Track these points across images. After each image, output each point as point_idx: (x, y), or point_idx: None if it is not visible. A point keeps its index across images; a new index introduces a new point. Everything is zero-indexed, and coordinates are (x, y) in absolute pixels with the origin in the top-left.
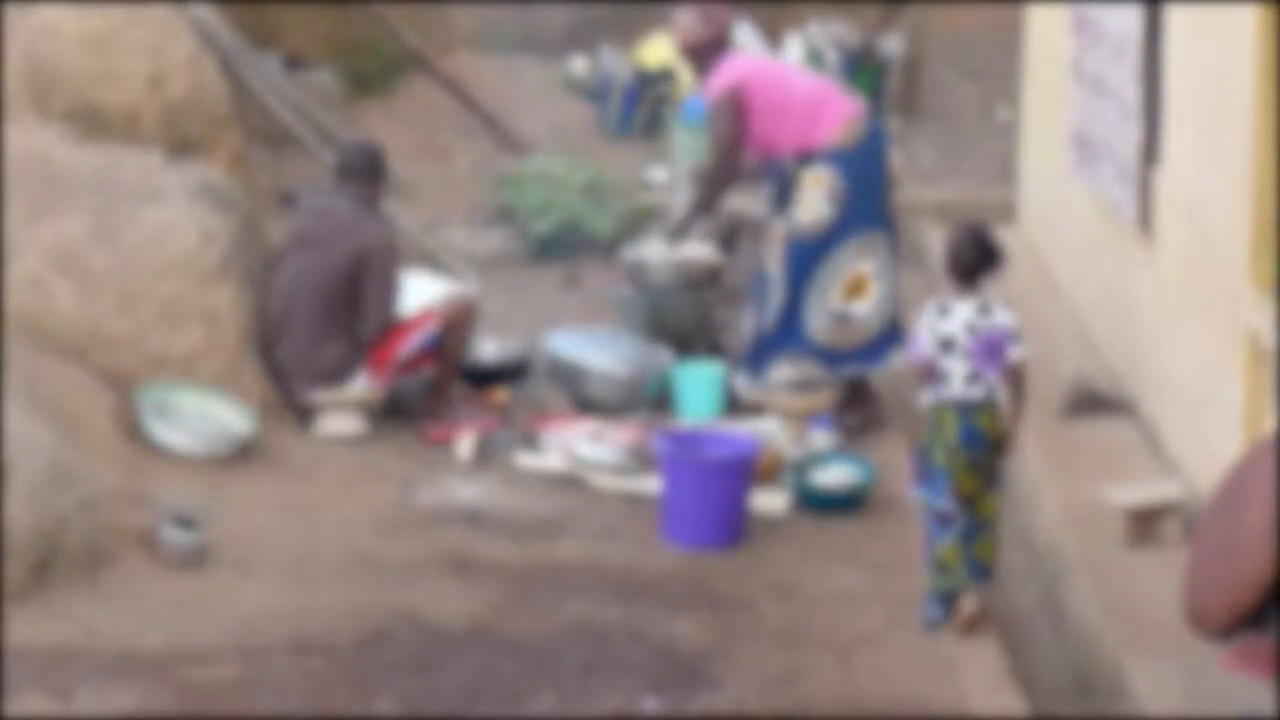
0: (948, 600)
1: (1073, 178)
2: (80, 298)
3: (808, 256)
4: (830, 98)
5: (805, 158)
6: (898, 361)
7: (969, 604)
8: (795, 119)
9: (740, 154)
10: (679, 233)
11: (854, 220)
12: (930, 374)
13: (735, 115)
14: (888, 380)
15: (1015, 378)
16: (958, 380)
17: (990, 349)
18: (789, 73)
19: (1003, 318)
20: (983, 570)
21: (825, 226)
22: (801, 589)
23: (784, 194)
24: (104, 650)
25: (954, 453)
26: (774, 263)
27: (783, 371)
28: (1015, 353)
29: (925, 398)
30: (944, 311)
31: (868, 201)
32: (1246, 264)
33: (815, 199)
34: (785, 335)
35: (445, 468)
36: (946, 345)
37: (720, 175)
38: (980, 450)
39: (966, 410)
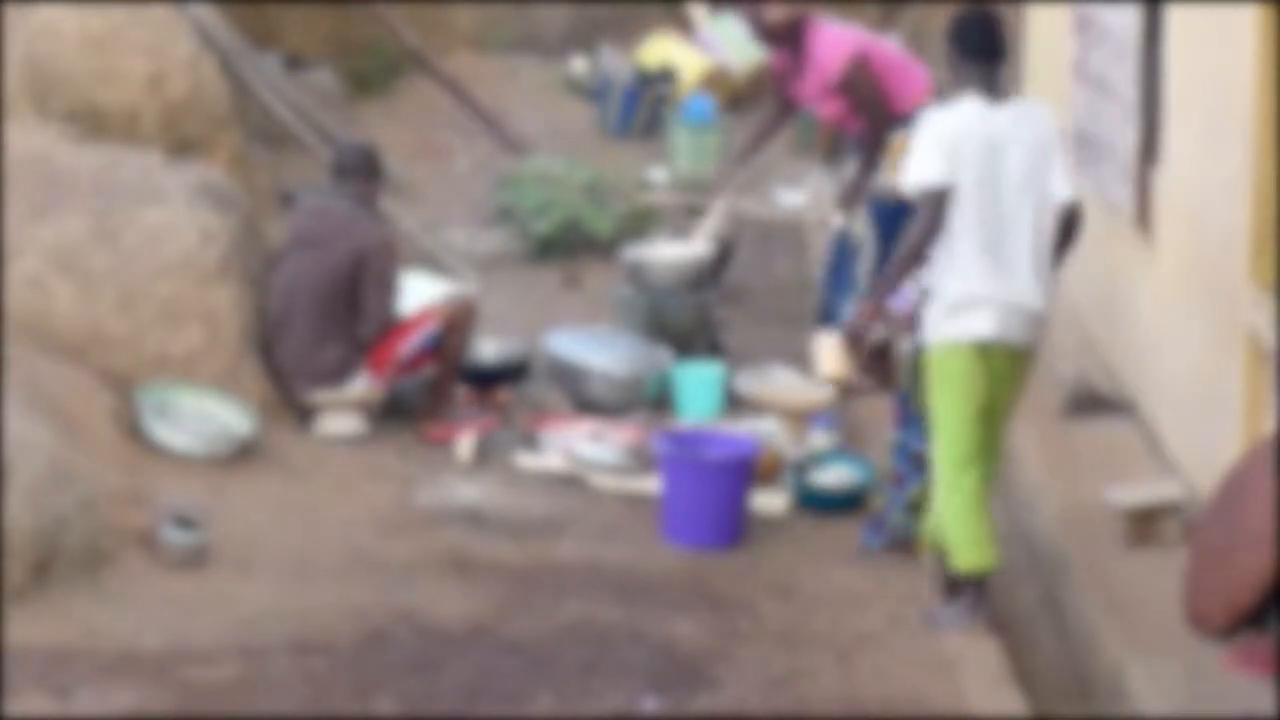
0: (902, 539)
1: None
2: (80, 298)
3: (896, 217)
4: (914, 64)
5: (893, 121)
6: None
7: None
8: (895, 83)
9: (889, 105)
10: (850, 199)
11: None
12: (913, 324)
13: (871, 73)
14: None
15: None
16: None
17: None
18: (879, 39)
19: None
20: None
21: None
22: (801, 589)
23: (870, 159)
24: (104, 650)
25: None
26: (862, 225)
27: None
28: None
29: (906, 345)
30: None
31: None
32: (1246, 264)
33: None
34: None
35: (445, 468)
36: (928, 295)
37: (881, 130)
38: None
39: None
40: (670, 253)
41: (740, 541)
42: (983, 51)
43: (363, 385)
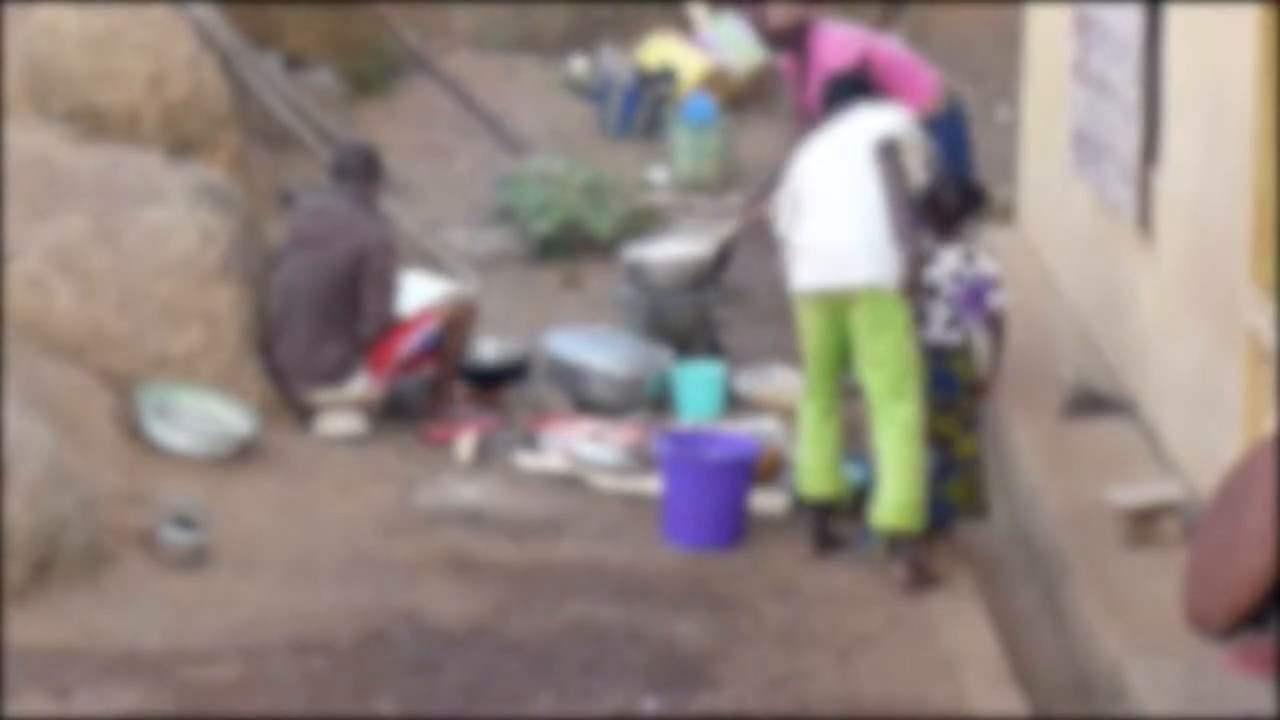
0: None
1: (1073, 178)
2: (80, 298)
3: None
4: (920, 67)
5: None
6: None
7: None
8: (901, 84)
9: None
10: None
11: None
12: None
13: (878, 74)
14: None
15: (995, 324)
16: (937, 324)
17: (972, 296)
18: (882, 39)
19: (986, 265)
20: (951, 510)
21: (919, 193)
22: (801, 589)
23: None
24: (104, 650)
25: (926, 394)
26: None
27: None
28: (995, 300)
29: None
30: (931, 258)
31: (955, 170)
32: (1246, 264)
33: (912, 166)
34: None
35: (445, 468)
36: (931, 291)
37: None
38: (952, 393)
39: (941, 354)
40: (670, 253)
41: (740, 541)
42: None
43: (363, 385)
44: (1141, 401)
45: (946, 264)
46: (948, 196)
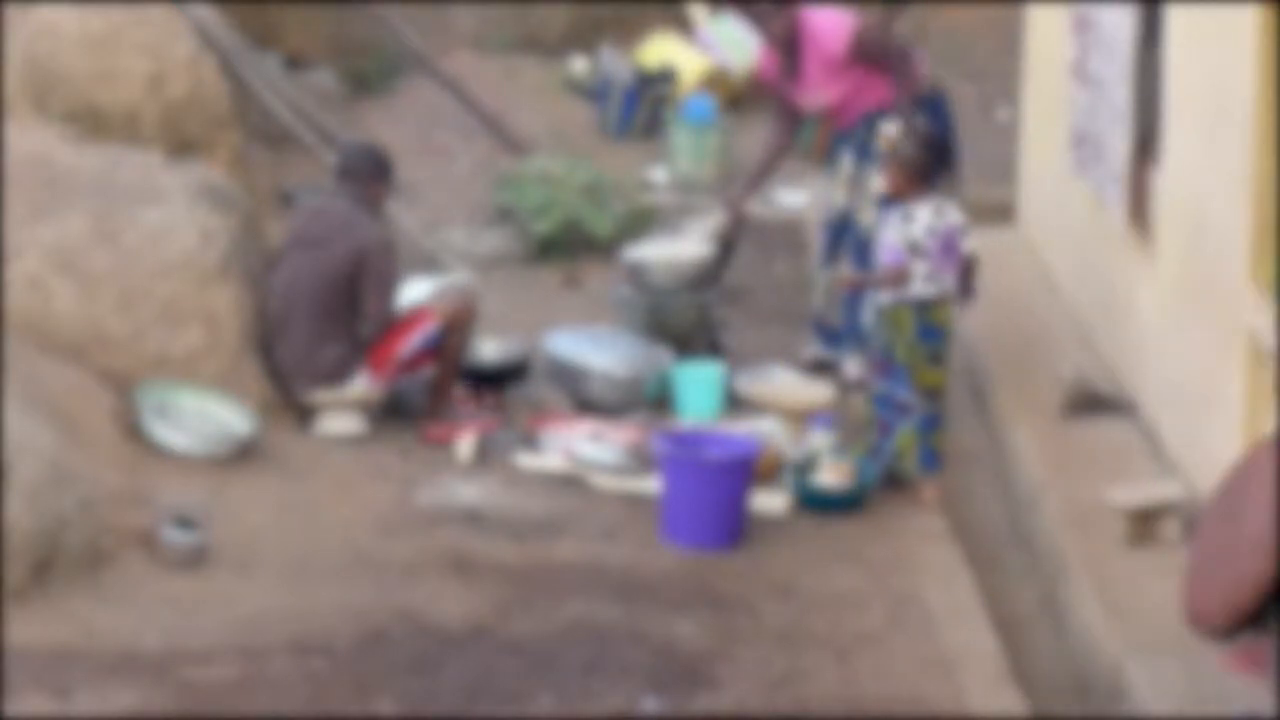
0: (896, 480)
1: (1073, 178)
2: (80, 298)
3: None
4: (909, 50)
5: (886, 109)
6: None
7: (929, 491)
8: (890, 65)
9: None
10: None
11: (937, 169)
12: (905, 278)
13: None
14: None
15: (968, 269)
16: (918, 279)
17: (947, 246)
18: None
19: (954, 215)
20: (936, 459)
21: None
22: (801, 589)
23: (865, 147)
24: (104, 650)
25: (914, 348)
26: (868, 214)
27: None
28: (966, 245)
29: (884, 297)
30: (908, 218)
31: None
32: (1246, 264)
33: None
34: None
35: (445, 468)
36: (914, 249)
37: (907, 86)
38: (939, 343)
39: (923, 307)
40: (670, 252)
41: (740, 541)
42: None
43: (363, 385)
44: (1141, 401)
45: (922, 220)
46: (910, 150)
